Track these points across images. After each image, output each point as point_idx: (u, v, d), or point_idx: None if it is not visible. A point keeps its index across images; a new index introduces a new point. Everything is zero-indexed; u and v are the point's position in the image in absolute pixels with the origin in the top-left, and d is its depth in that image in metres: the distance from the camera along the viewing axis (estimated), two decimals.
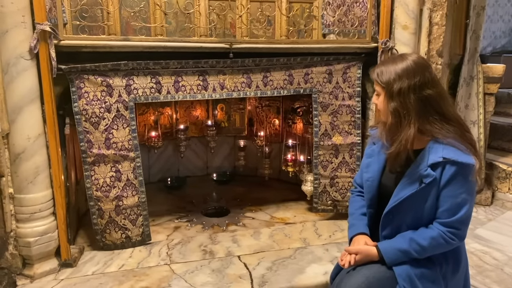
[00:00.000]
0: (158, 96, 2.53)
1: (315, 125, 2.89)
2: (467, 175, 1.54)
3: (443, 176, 1.55)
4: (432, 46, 2.83)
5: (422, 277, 1.58)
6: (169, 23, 2.81)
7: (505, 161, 3.73)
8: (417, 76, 1.56)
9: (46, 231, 2.30)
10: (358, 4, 2.83)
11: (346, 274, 1.66)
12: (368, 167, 1.81)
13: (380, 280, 1.60)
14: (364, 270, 1.63)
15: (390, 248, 1.63)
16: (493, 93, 3.50)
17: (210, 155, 3.98)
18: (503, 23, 5.46)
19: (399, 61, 1.62)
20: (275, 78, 2.74)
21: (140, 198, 2.59)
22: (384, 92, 1.62)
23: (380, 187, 1.76)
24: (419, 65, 1.59)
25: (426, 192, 1.58)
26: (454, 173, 1.53)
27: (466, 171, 1.53)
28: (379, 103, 1.67)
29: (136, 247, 2.61)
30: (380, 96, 1.65)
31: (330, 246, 2.63)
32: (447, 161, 1.53)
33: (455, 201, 1.55)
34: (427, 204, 1.59)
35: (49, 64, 2.17)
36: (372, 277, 1.60)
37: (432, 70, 1.64)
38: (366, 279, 1.59)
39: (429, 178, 1.55)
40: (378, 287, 1.59)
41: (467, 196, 1.56)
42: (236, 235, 2.79)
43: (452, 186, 1.55)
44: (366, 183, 1.80)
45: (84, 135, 2.41)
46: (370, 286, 1.58)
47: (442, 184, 1.56)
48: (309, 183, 3.14)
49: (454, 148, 1.54)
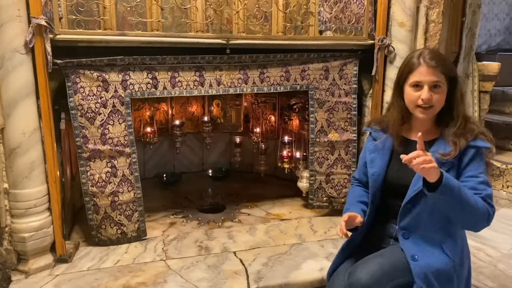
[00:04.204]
0: (154, 92, 2.52)
1: (312, 121, 2.89)
2: (483, 157, 1.59)
3: (462, 160, 1.59)
4: (429, 43, 2.84)
5: (438, 276, 1.59)
6: (166, 18, 2.79)
7: (499, 159, 3.76)
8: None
9: (41, 226, 2.28)
10: (355, 1, 2.83)
11: (360, 262, 1.65)
12: (373, 162, 1.81)
13: (395, 270, 1.60)
14: (378, 259, 1.63)
15: (453, 179, 1.51)
16: (488, 91, 3.53)
17: (206, 151, 3.97)
18: (498, 21, 5.49)
19: (438, 52, 1.75)
20: (272, 74, 2.74)
21: (136, 193, 2.58)
22: (447, 83, 1.63)
23: (386, 181, 1.76)
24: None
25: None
26: (473, 155, 1.58)
27: (482, 153, 1.59)
28: (439, 96, 1.62)
29: (132, 242, 2.61)
30: (442, 88, 1.62)
31: (325, 242, 2.63)
32: (467, 145, 1.58)
33: (478, 180, 1.58)
34: None
35: (44, 58, 2.15)
36: (388, 265, 1.60)
37: None
38: (380, 267, 1.59)
39: (448, 166, 1.58)
40: (392, 276, 1.59)
41: (486, 176, 1.60)
42: (232, 231, 2.79)
43: (472, 168, 1.59)
44: (372, 178, 1.80)
45: (79, 130, 2.40)
46: (384, 275, 1.57)
47: (462, 167, 1.59)
48: (304, 180, 3.14)
49: (476, 135, 1.59)
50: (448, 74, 1.63)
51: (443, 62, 1.64)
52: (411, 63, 1.65)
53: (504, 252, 2.72)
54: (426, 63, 1.61)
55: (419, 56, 1.64)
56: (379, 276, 1.56)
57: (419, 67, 1.62)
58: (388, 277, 1.57)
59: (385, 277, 1.57)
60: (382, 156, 1.78)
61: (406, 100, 1.68)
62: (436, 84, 1.60)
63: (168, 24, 2.83)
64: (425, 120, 1.67)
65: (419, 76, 1.61)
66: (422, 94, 1.60)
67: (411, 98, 1.65)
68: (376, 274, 1.56)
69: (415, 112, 1.66)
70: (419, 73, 1.62)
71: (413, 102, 1.64)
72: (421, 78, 1.61)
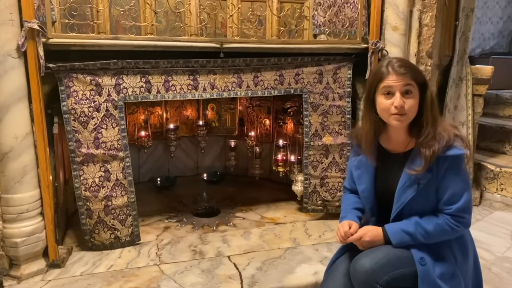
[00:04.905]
0: (148, 96, 2.52)
1: (306, 125, 2.89)
2: (460, 164, 1.59)
3: (438, 172, 1.59)
4: (422, 47, 2.85)
5: (442, 276, 1.60)
6: (160, 22, 2.79)
7: (493, 162, 3.78)
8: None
9: (34, 231, 2.27)
10: (348, 5, 2.84)
11: (366, 251, 1.67)
12: (360, 179, 1.82)
13: (399, 260, 1.62)
14: (384, 248, 1.66)
15: (397, 229, 1.66)
16: (482, 95, 3.54)
17: (201, 155, 3.96)
18: (491, 25, 5.52)
19: (406, 60, 1.77)
20: (266, 78, 2.74)
21: (130, 198, 2.57)
22: (418, 89, 1.63)
23: (377, 194, 1.78)
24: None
25: (425, 190, 1.62)
26: (448, 166, 1.58)
27: (458, 161, 1.58)
28: (411, 103, 1.61)
29: (125, 247, 2.59)
30: (413, 93, 1.62)
31: (320, 246, 2.63)
32: (439, 157, 1.57)
33: (454, 191, 1.60)
34: (430, 199, 1.65)
35: (37, 62, 2.14)
36: (393, 255, 1.62)
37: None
38: (386, 255, 1.61)
39: (425, 179, 1.60)
40: (397, 266, 1.60)
41: (464, 184, 1.61)
42: (226, 235, 2.78)
43: (448, 178, 1.60)
44: (363, 195, 1.82)
45: (72, 135, 2.38)
46: (389, 263, 1.60)
47: (439, 179, 1.60)
48: (299, 183, 3.14)
49: (447, 141, 1.58)
50: (418, 80, 1.63)
51: (411, 68, 1.64)
52: (380, 72, 1.64)
53: (498, 255, 2.72)
54: (395, 71, 1.60)
55: (388, 65, 1.63)
56: (383, 263, 1.59)
57: (388, 75, 1.61)
58: (393, 265, 1.60)
59: (389, 264, 1.59)
60: (367, 171, 1.79)
61: (379, 110, 1.67)
62: (407, 90, 1.60)
63: (162, 27, 2.83)
64: (400, 129, 1.67)
65: (389, 83, 1.61)
66: (395, 101, 1.59)
67: (384, 106, 1.63)
68: (381, 261, 1.59)
69: (390, 121, 1.64)
70: (389, 81, 1.61)
71: (386, 110, 1.63)
72: (392, 84, 1.60)
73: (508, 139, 4.01)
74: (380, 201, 1.79)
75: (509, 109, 4.46)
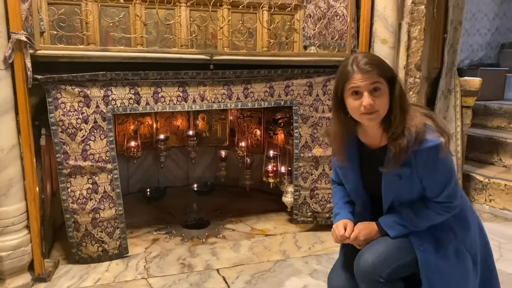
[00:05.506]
0: (136, 107, 2.50)
1: (296, 137, 2.89)
2: (437, 154, 1.55)
3: (417, 165, 1.57)
4: (411, 60, 2.88)
5: (444, 257, 1.61)
6: (150, 33, 2.78)
7: (482, 173, 3.80)
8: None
9: (19, 245, 2.23)
10: (338, 18, 2.86)
11: (367, 246, 1.67)
12: (346, 177, 1.81)
13: (399, 248, 1.63)
14: (383, 240, 1.66)
15: (391, 223, 1.67)
16: (470, 106, 3.57)
17: (191, 165, 3.94)
18: (480, 36, 5.60)
19: (371, 54, 1.71)
20: (256, 90, 2.74)
21: (118, 210, 2.54)
22: (387, 84, 1.56)
23: (366, 188, 1.77)
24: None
25: (409, 183, 1.62)
26: (426, 159, 1.56)
27: (434, 152, 1.54)
28: (381, 99, 1.55)
29: (113, 260, 2.56)
30: (382, 90, 1.55)
31: (309, 259, 2.62)
32: (415, 152, 1.54)
33: (436, 180, 1.60)
34: (416, 189, 1.64)
35: (24, 74, 2.12)
36: (392, 245, 1.63)
37: None
38: (386, 248, 1.62)
39: (406, 175, 1.60)
40: (398, 256, 1.61)
41: (446, 171, 1.60)
42: (216, 248, 2.76)
43: (429, 170, 1.58)
44: (352, 193, 1.82)
45: (60, 147, 2.36)
46: (391, 255, 1.60)
47: (420, 171, 1.58)
48: (289, 195, 3.14)
49: (416, 135, 1.54)
50: (386, 75, 1.55)
51: (378, 64, 1.55)
52: (346, 71, 1.56)
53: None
54: (361, 69, 1.52)
55: (352, 63, 1.55)
56: (385, 256, 1.60)
57: (354, 74, 1.53)
58: (394, 257, 1.61)
59: (391, 257, 1.60)
60: (352, 167, 1.76)
61: (350, 110, 1.61)
62: (375, 87, 1.53)
63: (153, 38, 2.82)
64: (373, 125, 1.61)
65: (356, 83, 1.53)
66: (363, 101, 1.52)
67: (353, 106, 1.56)
68: (383, 255, 1.60)
69: (362, 120, 1.59)
70: (355, 80, 1.53)
71: (356, 110, 1.57)
72: (358, 84, 1.53)
73: (497, 150, 4.04)
74: (370, 193, 1.78)
75: (497, 120, 4.50)
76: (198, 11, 2.68)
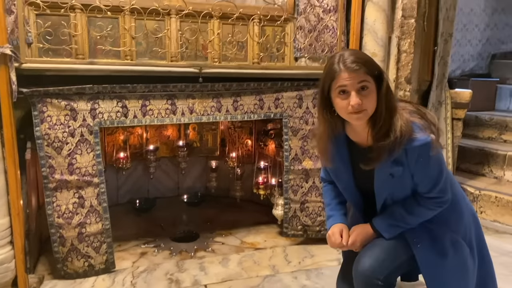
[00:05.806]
0: (124, 121, 2.47)
1: (286, 149, 2.88)
2: (428, 152, 1.55)
3: (409, 162, 1.58)
4: (401, 73, 2.88)
5: (441, 249, 1.64)
6: (140, 44, 2.75)
7: (473, 184, 3.80)
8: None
9: (2, 261, 2.19)
10: (328, 31, 2.86)
11: (364, 249, 1.70)
12: (338, 176, 1.81)
13: (395, 247, 1.66)
14: (379, 241, 1.69)
15: (385, 225, 1.70)
16: (461, 118, 3.57)
17: (181, 175, 3.91)
18: (471, 47, 5.63)
19: (358, 51, 1.73)
20: (246, 102, 2.73)
21: (104, 225, 2.51)
22: (374, 82, 1.53)
23: (358, 187, 1.78)
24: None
25: (401, 181, 1.64)
26: (417, 156, 1.56)
27: (425, 150, 1.55)
28: (368, 98, 1.52)
29: (100, 275, 2.52)
30: (369, 88, 1.52)
31: (299, 274, 2.59)
32: (406, 149, 1.55)
33: (428, 176, 1.61)
34: (408, 186, 1.66)
35: (9, 87, 2.09)
36: (388, 245, 1.66)
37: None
38: (383, 250, 1.65)
39: (398, 173, 1.60)
40: (395, 256, 1.64)
41: (437, 167, 1.61)
42: (204, 262, 2.73)
43: (420, 168, 1.59)
44: (345, 192, 1.83)
45: (46, 160, 2.33)
46: (388, 257, 1.63)
47: (411, 168, 1.60)
48: (280, 207, 3.11)
49: (402, 136, 1.53)
50: (373, 73, 1.52)
51: (365, 62, 1.52)
52: (333, 70, 1.52)
53: None
54: (348, 68, 1.49)
55: (339, 61, 1.51)
56: (383, 258, 1.63)
57: (341, 73, 1.49)
58: (391, 259, 1.64)
59: (388, 259, 1.63)
60: (343, 166, 1.75)
61: (337, 110, 1.58)
62: (362, 86, 1.50)
63: (142, 49, 2.79)
64: (361, 124, 1.59)
65: (343, 82, 1.50)
66: (351, 100, 1.49)
67: (341, 106, 1.54)
68: (380, 257, 1.62)
69: (350, 119, 1.57)
70: (342, 79, 1.50)
71: (344, 109, 1.54)
72: (345, 83, 1.49)
73: (487, 161, 4.05)
74: (362, 192, 1.79)
75: (488, 131, 4.51)
76: (188, 24, 2.66)
